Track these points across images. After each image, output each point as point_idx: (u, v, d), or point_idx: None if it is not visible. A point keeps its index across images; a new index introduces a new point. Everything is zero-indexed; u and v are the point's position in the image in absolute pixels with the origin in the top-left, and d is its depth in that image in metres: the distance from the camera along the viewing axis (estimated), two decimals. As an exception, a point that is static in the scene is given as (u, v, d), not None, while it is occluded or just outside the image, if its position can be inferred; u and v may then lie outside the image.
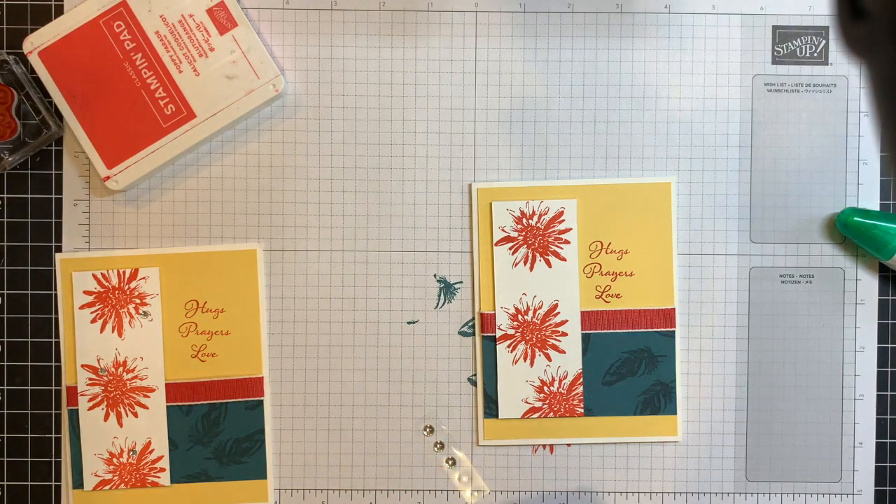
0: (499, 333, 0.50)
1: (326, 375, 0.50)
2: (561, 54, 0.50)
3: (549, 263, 0.50)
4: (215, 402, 0.50)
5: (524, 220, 0.50)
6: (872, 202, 0.50)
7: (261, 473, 0.50)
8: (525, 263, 0.50)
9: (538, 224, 0.50)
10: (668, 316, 0.50)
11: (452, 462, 0.50)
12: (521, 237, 0.50)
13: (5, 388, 0.50)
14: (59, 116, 0.50)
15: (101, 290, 0.50)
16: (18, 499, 0.50)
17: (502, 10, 0.50)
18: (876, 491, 0.50)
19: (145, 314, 0.50)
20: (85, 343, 0.50)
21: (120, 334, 0.50)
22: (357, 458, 0.50)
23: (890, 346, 0.50)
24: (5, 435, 0.50)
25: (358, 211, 0.50)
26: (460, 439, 0.50)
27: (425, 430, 0.50)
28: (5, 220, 0.50)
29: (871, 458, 0.50)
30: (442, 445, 0.50)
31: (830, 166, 0.50)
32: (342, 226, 0.50)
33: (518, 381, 0.50)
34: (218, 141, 0.50)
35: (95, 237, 0.50)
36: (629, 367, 0.50)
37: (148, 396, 0.50)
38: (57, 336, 0.50)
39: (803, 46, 0.50)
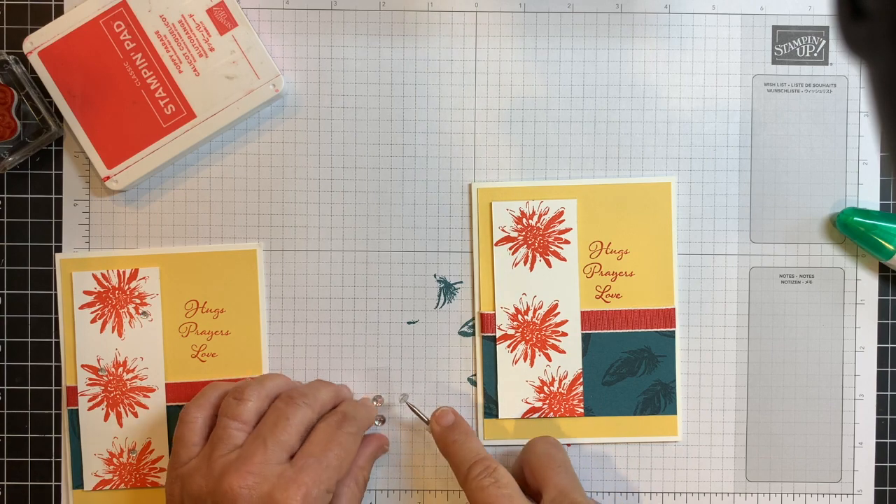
0: (499, 333, 0.50)
1: (326, 375, 0.50)
2: (561, 54, 0.50)
3: (549, 263, 0.50)
4: (215, 402, 0.50)
5: (524, 220, 0.50)
6: (872, 202, 0.50)
7: (261, 473, 0.50)
8: (525, 263, 0.50)
9: (538, 224, 0.50)
10: (668, 316, 0.50)
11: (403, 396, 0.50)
12: (521, 237, 0.50)
13: (5, 388, 0.50)
14: (59, 116, 0.50)
15: (101, 290, 0.50)
16: (18, 499, 0.50)
17: (502, 10, 0.50)
18: (876, 491, 0.50)
19: (145, 314, 0.50)
20: (85, 343, 0.50)
21: (120, 334, 0.50)
22: (357, 458, 0.50)
23: (890, 346, 0.50)
24: (5, 435, 0.50)
25: (358, 211, 0.50)
26: (460, 439, 0.50)
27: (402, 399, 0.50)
28: (5, 220, 0.50)
29: (871, 458, 0.50)
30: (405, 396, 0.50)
31: (830, 166, 0.50)
32: (342, 226, 0.50)
33: (518, 381, 0.50)
34: (218, 141, 0.50)
35: (95, 237, 0.50)
36: (629, 367, 0.50)
37: (148, 396, 0.50)
38: (57, 336, 0.50)
39: (803, 46, 0.50)
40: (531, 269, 0.50)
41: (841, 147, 0.50)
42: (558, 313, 0.50)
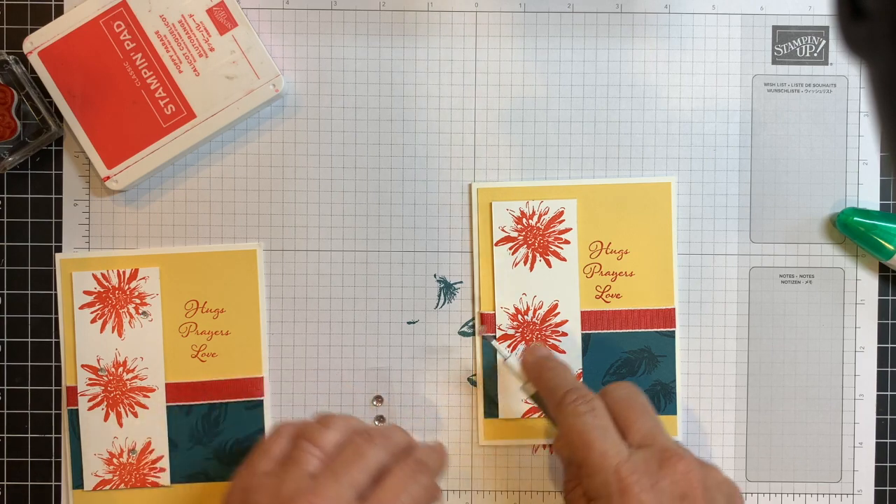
0: (499, 333, 0.50)
1: (326, 375, 0.50)
2: (561, 54, 0.50)
3: (549, 263, 0.50)
4: (215, 402, 0.50)
5: (524, 220, 0.50)
6: (872, 202, 0.50)
7: (261, 473, 0.50)
8: (525, 263, 0.50)
9: (538, 224, 0.50)
10: (668, 316, 0.50)
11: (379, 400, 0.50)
12: (521, 237, 0.50)
13: (5, 388, 0.50)
14: (59, 116, 0.50)
15: (101, 290, 0.50)
16: (18, 499, 0.50)
17: (502, 10, 0.50)
18: (876, 491, 0.50)
19: (145, 314, 0.50)
20: (85, 343, 0.50)
21: (120, 334, 0.50)
22: (357, 458, 0.50)
23: (890, 346, 0.50)
24: (5, 435, 0.50)
25: (358, 211, 0.50)
26: (460, 439, 0.50)
27: (374, 401, 0.50)
28: (5, 220, 0.50)
29: (871, 458, 0.50)
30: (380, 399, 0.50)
31: (830, 166, 0.50)
32: (342, 226, 0.50)
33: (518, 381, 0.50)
34: (218, 141, 0.50)
35: (95, 237, 0.50)
36: (629, 367, 0.50)
37: (148, 396, 0.50)
38: (57, 336, 0.50)
39: (803, 46, 0.50)
40: (531, 269, 0.50)
41: (841, 147, 0.50)
42: (558, 313, 0.50)
